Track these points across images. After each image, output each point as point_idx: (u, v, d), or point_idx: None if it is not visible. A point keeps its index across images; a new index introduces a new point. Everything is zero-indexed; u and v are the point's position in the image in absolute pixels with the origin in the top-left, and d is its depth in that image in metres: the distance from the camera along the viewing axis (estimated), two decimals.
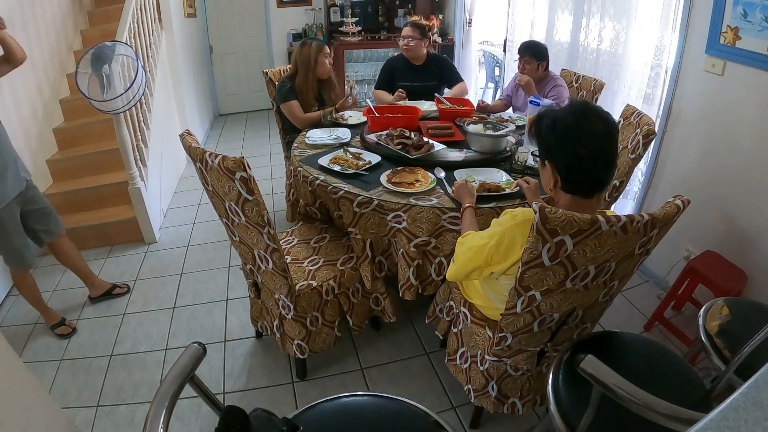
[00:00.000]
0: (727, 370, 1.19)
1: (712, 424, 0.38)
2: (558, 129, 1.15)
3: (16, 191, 2.02)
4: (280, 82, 2.65)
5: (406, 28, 2.92)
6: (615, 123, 1.19)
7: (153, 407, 0.75)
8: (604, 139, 1.13)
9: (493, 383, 1.51)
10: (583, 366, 0.90)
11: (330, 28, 5.39)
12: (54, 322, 2.26)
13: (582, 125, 1.13)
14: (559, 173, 1.18)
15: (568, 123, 1.14)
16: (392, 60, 3.10)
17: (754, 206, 1.96)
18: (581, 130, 1.13)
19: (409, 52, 2.93)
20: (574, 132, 1.13)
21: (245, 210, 1.44)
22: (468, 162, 1.99)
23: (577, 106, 1.18)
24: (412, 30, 2.89)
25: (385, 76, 3.07)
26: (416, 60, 2.97)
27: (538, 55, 2.64)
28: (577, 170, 1.14)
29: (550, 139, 1.18)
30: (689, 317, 2.25)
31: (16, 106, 2.78)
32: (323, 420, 1.04)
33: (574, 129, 1.14)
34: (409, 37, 2.89)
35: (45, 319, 2.27)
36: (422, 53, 2.94)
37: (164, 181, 3.44)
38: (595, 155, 1.13)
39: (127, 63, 2.61)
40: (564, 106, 1.22)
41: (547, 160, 1.20)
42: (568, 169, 1.16)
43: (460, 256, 1.36)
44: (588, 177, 1.15)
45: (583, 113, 1.15)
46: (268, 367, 2.00)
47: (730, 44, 1.94)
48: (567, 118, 1.15)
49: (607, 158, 1.14)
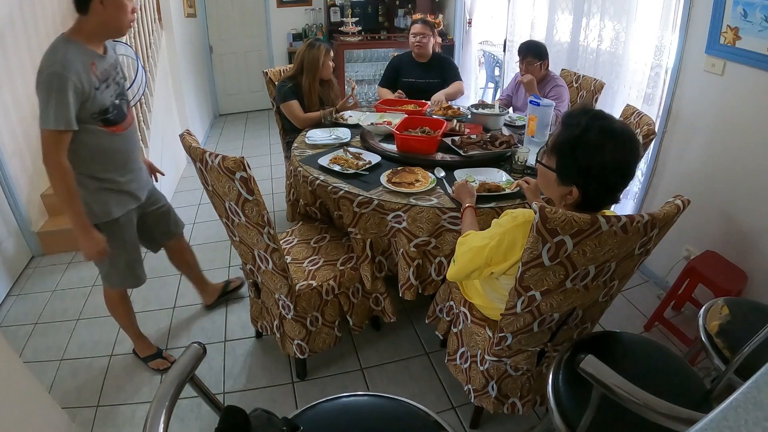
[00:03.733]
0: (727, 370, 1.19)
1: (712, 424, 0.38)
2: (607, 166, 1.08)
3: (146, 191, 1.80)
4: (280, 82, 2.64)
5: (417, 26, 2.94)
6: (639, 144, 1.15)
7: (153, 407, 0.75)
8: (636, 165, 1.14)
9: (493, 383, 1.51)
10: (583, 366, 0.91)
11: (330, 28, 5.39)
12: (148, 353, 1.99)
13: (629, 160, 1.10)
14: (583, 197, 1.14)
15: (616, 160, 1.08)
16: (397, 58, 3.12)
17: (754, 206, 1.96)
18: (628, 167, 1.10)
19: (421, 49, 2.95)
20: (622, 169, 1.10)
21: (245, 210, 1.44)
22: (468, 162, 1.99)
23: (623, 138, 1.08)
24: (424, 27, 2.92)
25: (390, 73, 3.09)
26: (422, 58, 2.99)
27: (539, 54, 2.64)
28: (607, 198, 1.15)
29: (590, 171, 1.09)
30: (689, 317, 2.25)
31: (16, 106, 2.78)
32: (323, 420, 1.04)
33: (623, 166, 1.10)
34: (421, 34, 2.91)
35: (137, 348, 2.00)
36: (430, 51, 2.98)
37: (164, 181, 3.43)
38: (627, 182, 1.15)
39: (127, 63, 2.61)
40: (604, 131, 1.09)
41: (575, 185, 1.13)
42: (597, 198, 1.14)
43: (460, 257, 1.36)
44: (610, 200, 1.16)
45: (629, 147, 1.09)
46: (268, 367, 2.00)
47: (730, 44, 1.94)
48: (615, 154, 1.07)
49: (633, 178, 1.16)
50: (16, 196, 2.67)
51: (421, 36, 2.91)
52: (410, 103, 2.72)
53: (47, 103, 1.40)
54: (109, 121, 1.57)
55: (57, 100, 1.39)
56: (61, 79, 1.39)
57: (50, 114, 1.40)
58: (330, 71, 2.66)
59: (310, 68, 2.56)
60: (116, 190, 1.66)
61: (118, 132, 1.61)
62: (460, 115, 2.56)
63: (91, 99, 1.48)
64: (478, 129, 2.37)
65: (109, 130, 1.58)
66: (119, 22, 1.52)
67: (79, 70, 1.43)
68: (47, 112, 1.40)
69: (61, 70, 1.39)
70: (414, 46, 2.96)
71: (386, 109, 2.60)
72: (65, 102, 1.40)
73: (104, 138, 1.58)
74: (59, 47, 1.44)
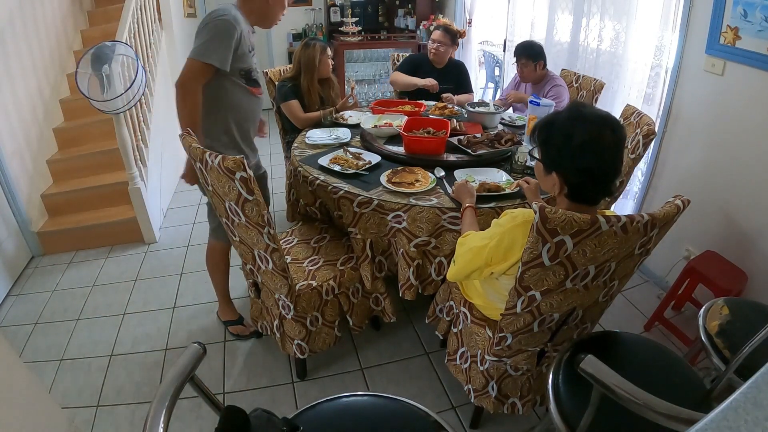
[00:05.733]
0: (727, 370, 1.19)
1: (712, 424, 0.38)
2: (573, 144, 1.09)
3: (256, 155, 2.02)
4: (280, 81, 2.65)
5: (437, 32, 2.88)
6: (624, 131, 1.15)
7: (153, 407, 0.75)
8: (616, 151, 1.11)
9: (493, 383, 1.51)
10: (583, 366, 0.90)
11: (330, 28, 5.39)
12: (231, 318, 2.14)
13: (598, 141, 1.08)
14: (568, 185, 1.15)
15: (583, 139, 1.08)
16: (417, 56, 3.08)
17: (754, 206, 1.96)
18: (597, 147, 1.09)
19: (436, 57, 2.92)
20: (590, 148, 1.09)
21: (245, 210, 1.44)
22: (468, 162, 1.99)
23: (593, 119, 1.10)
24: (443, 35, 2.86)
25: (407, 67, 3.02)
26: (438, 64, 2.97)
27: (533, 55, 2.64)
28: (588, 185, 1.13)
29: (562, 153, 1.13)
30: (689, 317, 2.25)
31: (16, 107, 2.78)
32: (323, 420, 1.04)
33: (591, 146, 1.09)
34: (439, 42, 2.87)
35: (221, 311, 2.16)
36: (446, 59, 2.95)
37: (164, 181, 3.43)
38: (607, 170, 1.12)
39: (127, 63, 2.61)
40: (572, 114, 1.14)
41: (555, 171, 1.16)
42: (578, 184, 1.14)
43: (460, 257, 1.36)
44: (598, 190, 1.15)
45: (597, 127, 1.09)
46: (268, 367, 2.00)
47: (730, 44, 1.94)
48: (581, 133, 1.09)
49: (617, 169, 1.13)
50: (16, 196, 2.67)
51: (438, 44, 2.87)
52: (407, 104, 2.70)
53: (210, 41, 1.63)
54: (251, 81, 1.83)
55: (221, 41, 1.64)
56: (231, 27, 1.64)
57: (209, 49, 1.63)
58: (328, 69, 2.65)
59: (307, 68, 2.57)
60: (239, 147, 1.88)
61: (255, 94, 1.88)
62: (456, 114, 2.56)
63: (244, 57, 1.74)
64: (477, 128, 2.37)
65: (249, 89, 1.84)
66: (273, 15, 1.83)
67: (243, 30, 1.71)
68: (205, 47, 1.63)
69: (233, 21, 1.65)
70: (430, 52, 2.92)
71: (384, 110, 2.58)
72: (228, 46, 1.65)
73: (244, 94, 1.83)
74: (230, 7, 1.69)
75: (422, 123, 2.22)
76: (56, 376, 1.99)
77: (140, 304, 2.41)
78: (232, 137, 1.86)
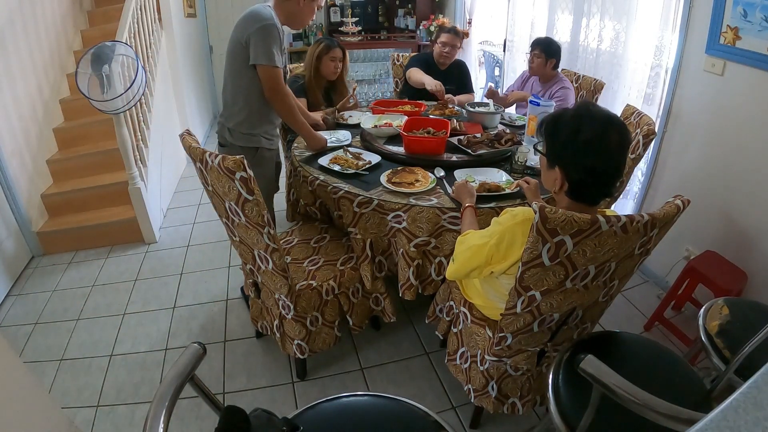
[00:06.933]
0: (727, 370, 1.19)
1: (712, 424, 0.38)
2: (578, 141, 1.10)
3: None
4: (292, 76, 2.66)
5: (448, 35, 2.88)
6: (630, 135, 1.15)
7: (153, 407, 0.75)
8: (620, 153, 1.11)
9: (493, 383, 1.51)
10: (583, 366, 0.90)
11: (330, 28, 5.39)
12: None
13: (603, 141, 1.09)
14: (569, 182, 1.15)
15: (589, 137, 1.09)
16: (425, 55, 3.09)
17: (754, 206, 1.96)
18: (601, 146, 1.09)
19: (446, 59, 2.93)
20: (595, 147, 1.09)
21: (245, 210, 1.44)
22: (468, 162, 1.99)
23: (601, 119, 1.11)
24: (454, 38, 2.88)
25: (422, 64, 3.00)
26: (443, 66, 2.98)
27: (548, 51, 2.64)
28: (589, 183, 1.13)
29: (567, 148, 1.13)
30: (689, 317, 2.25)
31: (16, 106, 2.78)
32: (323, 420, 1.04)
33: (596, 144, 1.09)
34: (451, 45, 2.88)
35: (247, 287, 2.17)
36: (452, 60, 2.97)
37: (164, 181, 3.44)
38: (610, 171, 1.12)
39: (127, 63, 2.61)
40: (580, 111, 1.14)
41: (558, 165, 1.16)
42: (580, 182, 1.14)
43: (459, 255, 1.36)
44: (599, 190, 1.15)
45: (604, 127, 1.09)
46: (268, 367, 2.00)
47: (730, 44, 1.94)
48: (588, 131, 1.09)
49: (619, 170, 1.13)
50: (16, 196, 2.67)
51: (450, 47, 2.88)
52: (407, 104, 2.70)
53: (270, 46, 1.79)
54: (284, 77, 1.97)
55: (276, 45, 1.81)
56: (276, 30, 1.81)
57: (273, 54, 1.80)
58: (331, 71, 2.62)
59: (307, 63, 2.60)
60: (269, 133, 2.06)
61: None
62: (457, 114, 2.56)
63: (281, 56, 1.88)
64: (477, 127, 2.37)
65: None
66: (303, 19, 1.95)
67: (281, 30, 1.86)
68: (271, 53, 1.80)
69: (277, 24, 1.81)
70: (440, 55, 2.92)
71: (384, 110, 2.59)
72: (279, 48, 1.84)
73: None
74: (267, 10, 1.82)
75: (422, 123, 2.22)
76: (56, 376, 1.99)
77: (140, 304, 2.41)
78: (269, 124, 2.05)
